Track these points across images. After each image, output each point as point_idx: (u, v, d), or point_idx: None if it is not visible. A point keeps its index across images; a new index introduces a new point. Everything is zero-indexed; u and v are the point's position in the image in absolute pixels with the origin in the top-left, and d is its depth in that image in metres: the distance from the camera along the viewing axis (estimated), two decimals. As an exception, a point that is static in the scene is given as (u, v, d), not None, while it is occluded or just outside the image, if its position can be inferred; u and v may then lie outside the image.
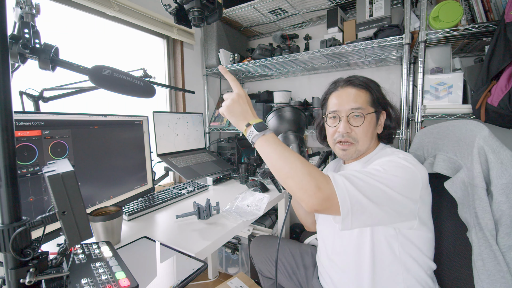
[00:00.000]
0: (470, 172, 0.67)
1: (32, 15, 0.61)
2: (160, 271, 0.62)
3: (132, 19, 1.33)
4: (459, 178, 0.69)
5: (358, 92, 0.76)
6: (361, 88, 0.76)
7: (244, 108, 0.66)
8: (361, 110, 0.74)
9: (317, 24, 1.82)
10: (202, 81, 1.92)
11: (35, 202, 0.68)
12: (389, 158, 0.66)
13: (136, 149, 1.08)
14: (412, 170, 0.62)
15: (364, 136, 0.75)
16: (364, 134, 0.74)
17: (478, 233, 0.65)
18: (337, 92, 0.79)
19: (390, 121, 0.80)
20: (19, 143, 0.66)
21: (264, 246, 1.16)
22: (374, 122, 0.77)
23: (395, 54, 1.43)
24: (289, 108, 0.85)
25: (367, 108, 0.75)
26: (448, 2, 1.02)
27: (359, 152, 0.77)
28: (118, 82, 0.67)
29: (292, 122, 0.82)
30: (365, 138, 0.75)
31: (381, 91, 0.80)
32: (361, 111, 0.74)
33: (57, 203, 0.41)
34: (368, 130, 0.75)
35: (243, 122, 0.66)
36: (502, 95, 0.88)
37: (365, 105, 0.75)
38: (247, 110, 0.66)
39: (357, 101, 0.74)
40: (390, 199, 0.58)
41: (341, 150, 0.78)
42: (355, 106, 0.74)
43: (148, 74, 1.08)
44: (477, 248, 0.65)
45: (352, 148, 0.76)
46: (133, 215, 0.98)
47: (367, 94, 0.76)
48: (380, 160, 0.67)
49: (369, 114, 0.75)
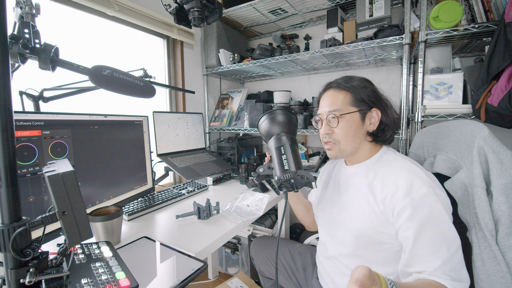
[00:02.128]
0: (470, 172, 0.67)
1: (32, 15, 0.61)
2: (160, 271, 0.62)
3: (132, 19, 1.33)
4: (459, 178, 0.70)
5: (337, 94, 0.77)
6: (340, 90, 0.77)
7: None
8: (337, 111, 0.75)
9: (317, 24, 1.82)
10: (202, 81, 1.92)
11: (35, 202, 0.68)
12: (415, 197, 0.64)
13: (136, 149, 1.08)
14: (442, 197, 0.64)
15: (344, 137, 0.76)
16: (344, 135, 0.75)
17: (478, 233, 0.65)
18: (322, 97, 0.83)
19: (386, 118, 0.78)
20: (19, 143, 0.66)
21: (264, 247, 1.16)
22: (358, 121, 0.76)
23: (395, 54, 1.43)
24: (280, 110, 0.87)
25: (345, 108, 0.75)
26: (448, 2, 1.02)
27: (344, 152, 0.78)
28: (118, 82, 0.67)
29: (284, 124, 0.83)
30: (345, 138, 0.76)
31: (370, 88, 0.78)
32: (336, 113, 0.75)
33: (57, 203, 0.41)
34: (347, 130, 0.75)
35: None
36: (502, 95, 0.88)
37: (344, 106, 0.76)
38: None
39: (333, 104, 0.77)
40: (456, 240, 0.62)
41: (327, 150, 0.81)
42: (331, 109, 0.76)
43: (148, 74, 1.08)
44: (477, 248, 0.65)
45: (335, 148, 0.78)
46: (133, 215, 0.98)
47: (346, 95, 0.76)
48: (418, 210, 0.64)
49: (347, 114, 0.75)
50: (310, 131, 1.52)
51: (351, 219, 0.75)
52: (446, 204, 0.64)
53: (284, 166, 0.70)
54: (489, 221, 0.63)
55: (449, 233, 0.61)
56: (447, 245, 0.60)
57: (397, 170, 0.70)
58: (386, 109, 0.78)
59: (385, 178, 0.71)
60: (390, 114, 0.78)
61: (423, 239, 0.61)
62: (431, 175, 0.69)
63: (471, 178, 0.66)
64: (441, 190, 0.66)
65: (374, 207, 0.70)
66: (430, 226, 0.61)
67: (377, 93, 0.79)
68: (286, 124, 0.83)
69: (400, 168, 0.70)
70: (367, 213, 0.71)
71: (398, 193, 0.65)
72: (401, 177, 0.68)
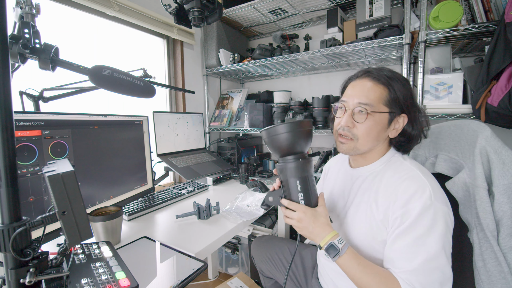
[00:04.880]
0: (472, 173, 0.66)
1: (32, 15, 0.61)
2: (160, 271, 0.62)
3: (132, 19, 1.33)
4: (461, 178, 0.69)
5: (374, 86, 0.67)
6: (379, 83, 0.67)
7: (310, 230, 0.66)
8: (368, 106, 0.66)
9: (317, 24, 1.82)
10: (202, 81, 1.92)
11: (35, 202, 0.68)
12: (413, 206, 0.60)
13: (136, 149, 1.07)
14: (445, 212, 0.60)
15: (366, 136, 0.68)
16: (367, 134, 0.67)
17: (479, 234, 0.65)
18: (353, 82, 0.72)
19: (412, 129, 0.70)
20: (19, 143, 0.66)
21: (265, 246, 1.16)
22: (384, 123, 0.68)
23: (395, 54, 1.43)
24: (308, 122, 0.68)
25: (377, 106, 0.66)
26: (448, 2, 1.02)
27: (357, 150, 0.71)
28: (118, 82, 0.67)
29: (307, 142, 0.68)
30: (366, 137, 0.68)
31: (408, 91, 0.68)
32: (368, 108, 0.66)
33: (57, 203, 0.41)
34: (371, 130, 0.67)
35: (316, 241, 0.67)
36: (502, 95, 0.88)
37: (377, 103, 0.66)
38: (312, 233, 0.66)
39: (368, 96, 0.67)
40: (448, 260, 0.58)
41: (339, 143, 0.73)
42: (363, 101, 0.67)
43: (148, 74, 1.08)
44: (478, 249, 0.65)
45: (350, 144, 0.70)
46: (133, 215, 0.98)
47: (384, 91, 0.67)
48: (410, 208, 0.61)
49: (378, 113, 0.66)
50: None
51: (353, 225, 0.72)
52: (444, 220, 0.59)
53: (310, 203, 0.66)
54: (491, 221, 0.62)
55: (432, 248, 0.57)
56: (424, 256, 0.57)
57: (402, 177, 0.65)
58: (416, 117, 0.69)
59: (389, 186, 0.67)
60: (417, 124, 0.70)
61: (401, 243, 0.60)
62: (435, 186, 0.63)
63: (472, 178, 0.66)
64: (443, 203, 0.61)
65: (376, 215, 0.67)
66: (412, 233, 0.59)
67: (414, 98, 0.69)
68: (293, 144, 0.66)
69: (406, 175, 0.65)
70: (369, 221, 0.68)
71: (397, 203, 0.62)
72: (404, 185, 0.63)
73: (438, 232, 0.58)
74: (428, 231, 0.58)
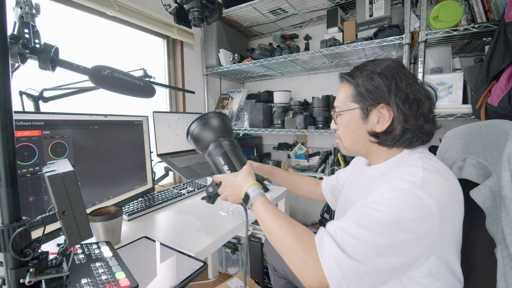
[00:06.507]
0: (498, 181, 0.58)
1: (32, 15, 0.61)
2: (160, 271, 0.62)
3: (132, 19, 1.33)
4: (487, 186, 0.61)
5: (342, 87, 0.70)
6: (346, 82, 0.68)
7: (233, 191, 0.71)
8: (338, 108, 0.70)
9: (317, 24, 1.82)
10: (202, 81, 1.92)
11: (35, 202, 0.68)
12: (391, 185, 0.53)
13: (136, 149, 1.07)
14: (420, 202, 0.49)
15: (344, 135, 0.70)
16: (344, 133, 0.70)
17: (504, 251, 0.56)
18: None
19: (404, 117, 0.59)
20: (19, 143, 0.66)
21: None
22: (357, 120, 0.65)
23: (395, 54, 1.43)
24: (212, 114, 0.82)
25: (345, 105, 0.67)
26: (448, 2, 1.02)
27: (348, 150, 0.72)
28: (118, 82, 0.67)
29: (219, 128, 0.79)
30: (345, 136, 0.70)
31: (382, 78, 0.60)
32: (337, 109, 0.70)
33: (57, 203, 0.41)
34: (347, 129, 0.68)
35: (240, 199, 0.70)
36: (502, 95, 0.88)
37: (343, 103, 0.67)
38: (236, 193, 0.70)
39: (338, 99, 0.70)
40: (390, 247, 0.47)
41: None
42: (336, 105, 0.71)
43: (148, 74, 1.08)
44: (501, 268, 0.57)
45: (340, 145, 0.74)
46: (133, 215, 0.98)
47: (350, 88, 0.66)
48: (385, 186, 0.54)
49: (346, 111, 0.67)
50: (310, 131, 1.52)
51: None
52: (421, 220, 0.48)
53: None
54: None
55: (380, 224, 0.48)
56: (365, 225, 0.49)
57: (399, 168, 0.57)
58: (405, 105, 0.59)
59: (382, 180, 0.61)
60: (411, 113, 0.59)
61: (354, 212, 0.53)
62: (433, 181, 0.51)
63: (499, 187, 0.58)
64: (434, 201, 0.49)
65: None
66: (368, 208, 0.51)
67: (395, 85, 0.60)
68: (222, 127, 0.78)
69: (407, 164, 0.57)
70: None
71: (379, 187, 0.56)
72: (393, 172, 0.56)
73: (401, 220, 0.48)
74: (386, 211, 0.49)
